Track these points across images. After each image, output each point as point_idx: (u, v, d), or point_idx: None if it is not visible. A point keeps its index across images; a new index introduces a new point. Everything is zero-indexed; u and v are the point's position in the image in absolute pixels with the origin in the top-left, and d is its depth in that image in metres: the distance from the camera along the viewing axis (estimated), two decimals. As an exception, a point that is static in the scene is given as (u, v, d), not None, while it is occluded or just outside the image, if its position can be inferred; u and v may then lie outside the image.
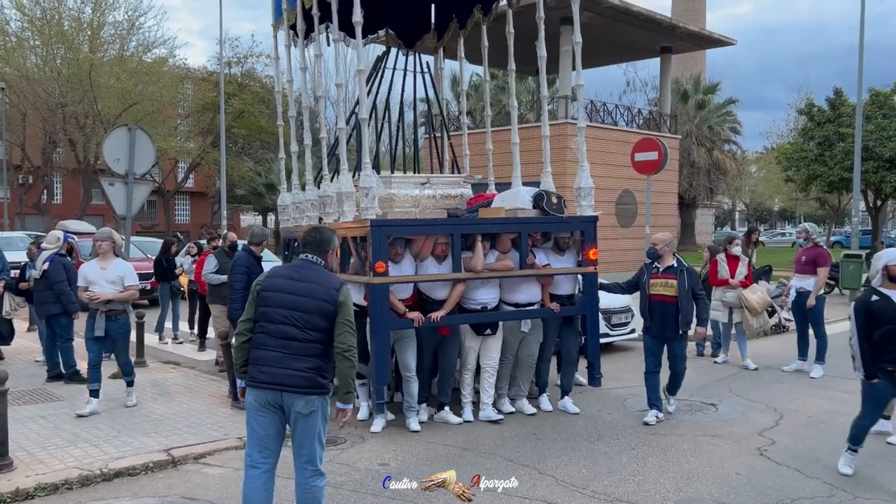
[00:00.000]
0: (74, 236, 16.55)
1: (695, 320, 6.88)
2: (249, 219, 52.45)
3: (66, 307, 7.98)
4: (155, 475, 5.44)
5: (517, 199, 7.18)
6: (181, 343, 11.31)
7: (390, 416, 6.76)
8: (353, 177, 7.13)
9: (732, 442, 6.25)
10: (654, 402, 6.80)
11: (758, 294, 9.20)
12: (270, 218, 40.66)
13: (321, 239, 4.22)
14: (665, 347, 6.81)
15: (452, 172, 8.77)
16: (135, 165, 8.51)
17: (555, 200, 7.00)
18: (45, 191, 33.45)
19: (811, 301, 8.84)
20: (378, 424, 6.50)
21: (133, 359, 9.16)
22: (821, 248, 9.10)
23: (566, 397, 7.22)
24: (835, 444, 6.19)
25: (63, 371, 8.33)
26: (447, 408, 6.79)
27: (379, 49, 10.15)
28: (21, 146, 30.70)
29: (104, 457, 5.64)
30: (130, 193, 8.54)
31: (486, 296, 6.75)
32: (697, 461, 5.73)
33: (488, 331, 6.77)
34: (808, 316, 8.97)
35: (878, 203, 26.96)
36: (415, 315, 6.37)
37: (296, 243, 8.49)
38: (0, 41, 27.89)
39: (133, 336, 9.26)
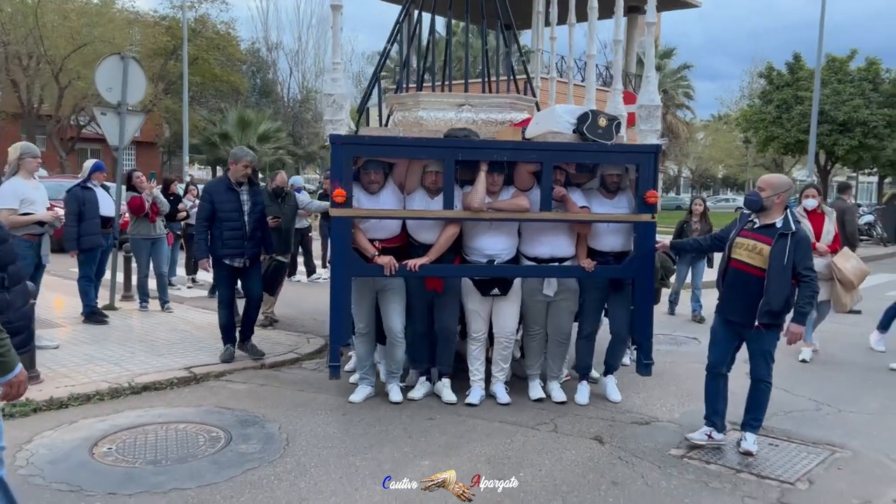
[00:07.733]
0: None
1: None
2: (195, 171, 51.11)
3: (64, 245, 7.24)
4: (182, 390, 5.57)
5: (551, 120, 5.38)
6: (177, 288, 10.57)
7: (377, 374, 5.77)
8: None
9: (722, 368, 6.68)
10: (709, 415, 4.84)
11: (852, 262, 7.00)
12: (219, 172, 39.80)
13: None
14: (740, 340, 4.71)
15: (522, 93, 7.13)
16: (127, 95, 8.35)
17: (603, 123, 5.19)
18: (-18, 135, 31.96)
19: None
20: (360, 394, 5.42)
21: (121, 294, 9.05)
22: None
23: (609, 376, 5.74)
24: (819, 372, 6.72)
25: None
26: (445, 379, 5.54)
27: None
28: (-42, 86, 29.22)
29: (128, 373, 5.72)
30: (123, 124, 8.38)
31: (495, 245, 5.24)
32: (694, 383, 6.02)
33: (495, 290, 5.28)
34: None
35: (829, 166, 28.12)
36: (385, 260, 5.04)
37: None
38: (-63, -27, 26.34)
39: (120, 274, 9.09)
